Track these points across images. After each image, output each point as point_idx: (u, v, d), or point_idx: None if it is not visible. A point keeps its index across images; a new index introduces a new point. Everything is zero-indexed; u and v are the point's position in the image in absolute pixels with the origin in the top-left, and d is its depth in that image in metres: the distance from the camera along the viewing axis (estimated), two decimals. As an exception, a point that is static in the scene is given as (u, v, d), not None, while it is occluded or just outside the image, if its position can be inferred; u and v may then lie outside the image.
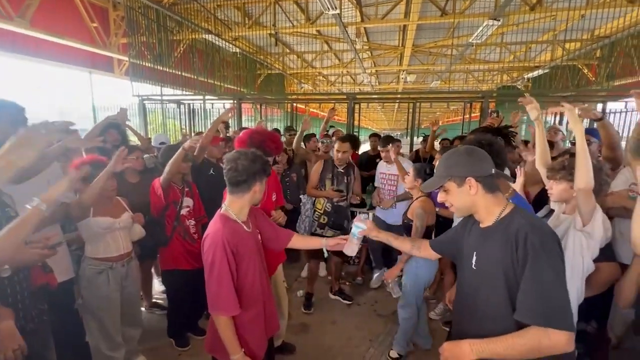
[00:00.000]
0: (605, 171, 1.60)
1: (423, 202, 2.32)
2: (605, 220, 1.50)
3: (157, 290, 3.31)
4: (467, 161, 1.13)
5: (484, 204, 1.13)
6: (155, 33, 6.28)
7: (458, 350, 1.06)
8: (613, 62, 7.52)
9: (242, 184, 1.43)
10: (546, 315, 0.94)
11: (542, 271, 0.96)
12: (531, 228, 1.01)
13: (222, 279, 1.35)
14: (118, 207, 2.09)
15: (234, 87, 9.16)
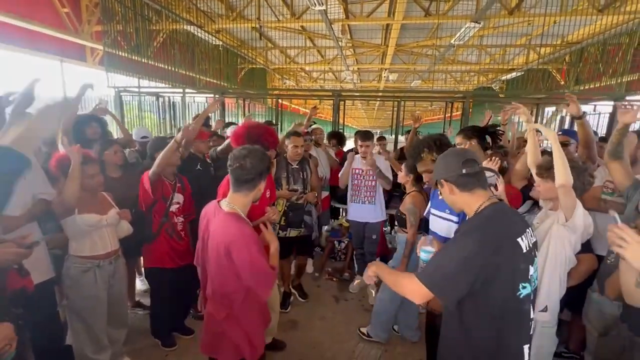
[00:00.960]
0: (589, 171, 1.70)
1: (413, 197, 2.38)
2: (587, 215, 1.60)
3: (140, 290, 3.20)
4: (440, 165, 1.25)
5: (464, 201, 1.22)
6: (132, 22, 6.00)
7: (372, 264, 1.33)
8: (581, 67, 8.00)
9: (249, 182, 1.42)
10: (424, 274, 1.13)
11: (450, 248, 1.14)
12: (475, 217, 1.16)
13: (262, 265, 1.37)
14: (104, 203, 2.00)
15: (215, 80, 8.94)
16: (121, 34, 5.78)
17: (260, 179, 1.46)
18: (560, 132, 2.77)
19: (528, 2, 5.76)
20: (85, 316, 1.89)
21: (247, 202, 1.47)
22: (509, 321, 1.11)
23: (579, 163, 1.69)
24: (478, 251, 1.05)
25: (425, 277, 1.10)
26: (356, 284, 3.41)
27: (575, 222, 1.53)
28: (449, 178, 1.21)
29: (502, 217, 1.15)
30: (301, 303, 3.16)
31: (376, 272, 1.29)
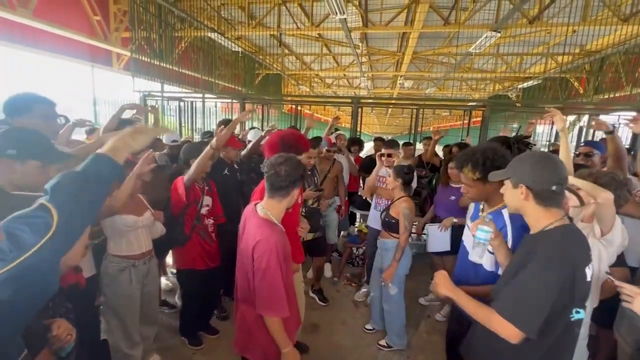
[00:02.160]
0: (628, 187, 1.67)
1: (407, 202, 2.46)
2: (624, 229, 1.59)
3: (164, 289, 3.29)
4: (529, 169, 1.16)
5: (532, 213, 1.17)
6: (156, 28, 6.21)
7: (445, 280, 1.27)
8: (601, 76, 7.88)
9: (284, 189, 1.48)
10: (510, 311, 1.07)
11: (531, 280, 1.06)
12: (551, 243, 1.08)
13: (276, 284, 1.40)
14: (140, 205, 2.08)
15: (232, 85, 9.12)
16: (146, 40, 5.99)
17: (294, 186, 1.50)
18: (583, 144, 2.75)
19: (549, 12, 5.74)
20: (120, 313, 1.96)
21: (281, 209, 1.53)
22: (560, 341, 1.12)
23: (619, 178, 1.66)
24: (559, 286, 1.04)
25: (518, 319, 1.05)
26: (362, 292, 3.39)
27: (614, 236, 1.52)
28: (533, 187, 1.13)
29: (575, 244, 1.12)
30: (321, 307, 3.19)
31: (450, 296, 1.23)
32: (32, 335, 1.17)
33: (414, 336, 2.82)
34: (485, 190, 1.54)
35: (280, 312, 1.41)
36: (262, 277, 1.39)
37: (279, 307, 1.41)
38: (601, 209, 1.44)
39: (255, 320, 1.49)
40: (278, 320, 1.42)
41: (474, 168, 1.50)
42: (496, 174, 1.29)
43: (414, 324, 2.98)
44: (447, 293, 1.25)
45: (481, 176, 1.49)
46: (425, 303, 3.27)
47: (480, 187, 1.54)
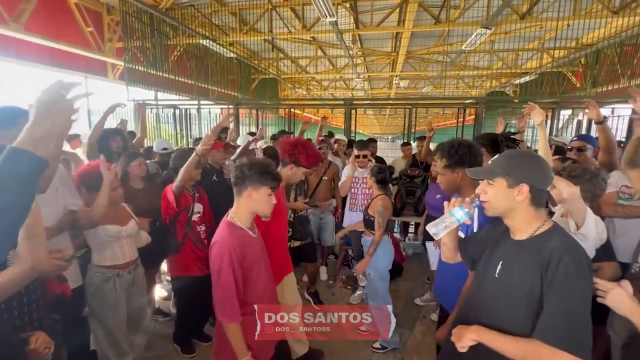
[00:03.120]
0: (602, 177, 1.66)
1: (383, 200, 2.54)
2: (599, 222, 1.57)
3: (160, 297, 3.28)
4: (532, 168, 1.08)
5: (523, 215, 1.10)
6: (149, 37, 6.26)
7: (464, 329, 1.12)
8: (597, 69, 7.83)
9: (235, 187, 1.49)
10: (566, 339, 0.95)
11: (572, 296, 0.96)
12: (567, 251, 0.99)
13: (227, 288, 1.38)
14: (124, 214, 2.09)
15: (228, 91, 9.17)
16: (139, 49, 6.04)
17: (244, 184, 1.45)
18: (576, 138, 2.73)
19: (539, 7, 5.72)
20: (106, 323, 1.96)
21: (245, 212, 1.51)
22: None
23: (592, 168, 1.67)
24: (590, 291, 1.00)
25: (574, 347, 0.94)
26: (357, 295, 3.38)
27: (588, 229, 1.50)
28: (538, 187, 1.06)
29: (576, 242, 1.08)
30: (322, 303, 3.18)
31: (478, 340, 1.09)
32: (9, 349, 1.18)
33: (409, 337, 2.80)
34: (454, 179, 1.61)
35: (229, 318, 1.38)
36: (216, 281, 1.39)
37: (228, 313, 1.39)
38: (569, 204, 1.42)
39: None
40: (234, 327, 1.39)
41: (442, 155, 1.62)
42: (484, 171, 1.19)
43: (410, 325, 2.95)
44: (474, 337, 1.09)
45: (449, 163, 1.59)
46: (420, 304, 3.25)
47: (449, 174, 1.61)
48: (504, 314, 1.10)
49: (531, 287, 1.02)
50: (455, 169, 1.59)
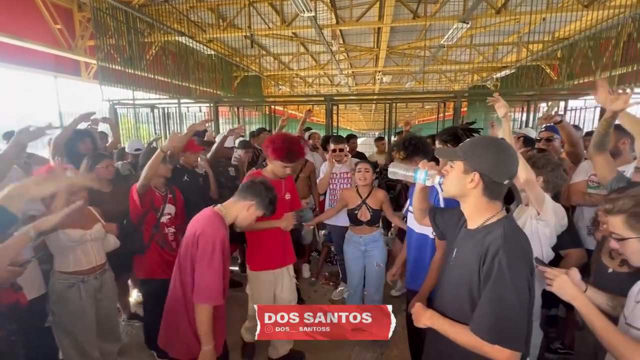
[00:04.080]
0: (563, 166, 1.72)
1: (382, 192, 2.65)
2: (558, 208, 1.60)
3: (136, 301, 3.20)
4: (490, 158, 1.04)
5: (474, 204, 1.09)
6: (124, 35, 6.07)
7: (422, 312, 1.18)
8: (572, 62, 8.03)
9: (243, 192, 1.64)
10: (496, 335, 0.97)
11: (503, 291, 0.96)
12: (504, 245, 0.98)
13: (218, 270, 1.47)
14: (89, 218, 2.01)
15: (210, 89, 9.00)
16: (114, 47, 5.85)
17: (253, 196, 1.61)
18: (544, 129, 2.79)
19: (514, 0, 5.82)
20: (72, 331, 1.88)
21: (233, 212, 1.63)
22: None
23: (554, 159, 1.71)
24: (528, 286, 0.99)
25: (505, 341, 0.96)
26: (339, 291, 3.36)
27: (547, 215, 1.53)
28: (489, 177, 1.03)
29: (522, 236, 1.08)
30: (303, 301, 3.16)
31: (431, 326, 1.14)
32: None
33: (389, 331, 2.81)
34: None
35: (215, 299, 1.47)
36: (207, 263, 1.45)
37: (215, 294, 1.47)
38: (528, 189, 1.49)
39: (179, 311, 1.54)
40: (209, 310, 1.46)
41: (398, 149, 1.85)
42: (447, 152, 1.23)
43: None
44: (428, 323, 1.15)
45: (405, 154, 1.82)
46: (396, 294, 3.25)
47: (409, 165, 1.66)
48: (454, 301, 1.13)
49: (471, 277, 1.04)
50: (413, 159, 1.79)
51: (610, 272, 1.44)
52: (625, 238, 1.03)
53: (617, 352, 0.99)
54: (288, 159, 2.11)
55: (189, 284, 1.53)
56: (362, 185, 2.55)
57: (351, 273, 2.69)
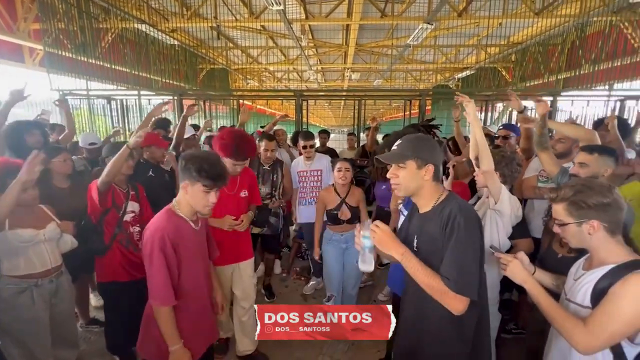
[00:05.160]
0: (517, 161, 1.86)
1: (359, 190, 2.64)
2: (513, 199, 1.74)
3: (95, 306, 3.01)
4: (433, 149, 1.22)
5: (428, 190, 1.23)
6: (75, 19, 5.59)
7: (393, 244, 1.17)
8: (525, 65, 8.66)
9: (179, 176, 1.48)
10: (459, 284, 1.11)
11: (462, 247, 1.12)
12: (459, 210, 1.15)
13: (159, 269, 1.37)
14: (42, 217, 1.85)
15: (173, 82, 8.58)
16: (63, 32, 5.36)
17: (183, 176, 1.44)
18: (502, 127, 2.99)
19: (475, 5, 6.14)
20: (23, 340, 1.74)
21: (183, 202, 1.49)
22: (483, 297, 1.23)
23: (508, 153, 1.84)
24: (479, 242, 1.15)
25: (465, 290, 1.10)
26: (310, 285, 3.39)
27: (503, 205, 1.66)
28: (437, 164, 1.20)
29: (471, 207, 1.24)
30: (269, 303, 3.14)
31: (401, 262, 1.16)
32: None
33: (359, 322, 2.89)
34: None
35: (161, 300, 1.38)
36: (149, 264, 1.37)
37: (160, 294, 1.37)
38: (487, 181, 1.62)
39: (151, 313, 1.45)
40: (165, 311, 1.38)
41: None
42: (393, 156, 1.23)
43: (360, 311, 3.05)
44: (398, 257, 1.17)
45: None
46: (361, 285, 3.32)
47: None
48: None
49: (437, 247, 1.16)
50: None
51: (560, 257, 1.59)
52: (565, 223, 1.15)
53: (560, 327, 1.11)
54: (236, 156, 2.06)
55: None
56: (342, 185, 2.51)
57: (332, 274, 2.61)
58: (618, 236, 1.11)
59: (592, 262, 1.16)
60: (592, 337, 1.02)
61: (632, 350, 1.05)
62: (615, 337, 1.02)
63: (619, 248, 1.10)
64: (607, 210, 1.08)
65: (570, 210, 1.13)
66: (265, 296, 3.19)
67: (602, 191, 1.10)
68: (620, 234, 1.12)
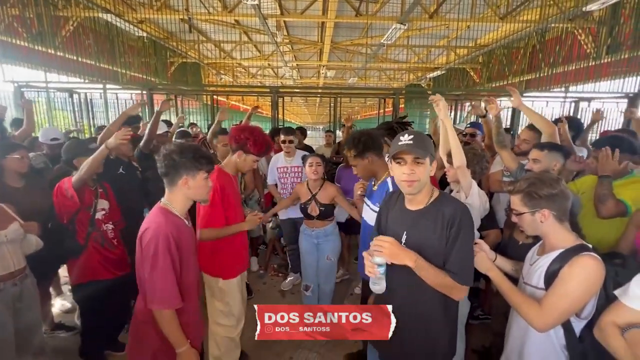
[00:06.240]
0: (486, 158, 1.99)
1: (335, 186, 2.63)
2: (482, 193, 1.86)
3: (60, 310, 2.85)
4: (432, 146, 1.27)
5: (427, 188, 1.27)
6: (32, 6, 5.20)
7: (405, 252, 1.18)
8: (490, 67, 9.13)
9: (167, 177, 1.39)
10: (464, 277, 1.21)
11: (467, 244, 1.22)
12: (462, 211, 1.23)
13: (166, 271, 1.31)
14: (2, 217, 1.73)
15: (141, 75, 8.21)
16: (18, 19, 4.98)
17: (177, 173, 1.37)
18: (469, 125, 3.16)
19: (445, 8, 6.38)
20: (-15, 348, 1.63)
21: (180, 200, 1.43)
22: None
23: (479, 151, 1.97)
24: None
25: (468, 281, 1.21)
26: (289, 281, 3.42)
27: (473, 199, 1.77)
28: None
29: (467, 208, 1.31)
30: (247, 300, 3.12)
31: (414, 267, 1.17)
32: None
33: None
34: (365, 165, 1.83)
35: (169, 304, 1.32)
36: (152, 265, 1.29)
37: (167, 297, 1.31)
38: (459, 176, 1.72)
39: (144, 317, 1.38)
40: (169, 314, 1.32)
41: (349, 147, 1.83)
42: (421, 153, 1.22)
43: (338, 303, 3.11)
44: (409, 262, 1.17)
45: (357, 152, 1.80)
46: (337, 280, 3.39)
47: (361, 162, 1.83)
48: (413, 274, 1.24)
49: (439, 243, 1.22)
50: (364, 156, 1.81)
51: (520, 244, 1.72)
52: (521, 213, 1.26)
53: (519, 308, 1.23)
54: (265, 153, 2.04)
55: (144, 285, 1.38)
56: (314, 180, 2.51)
57: (306, 265, 2.67)
58: (565, 223, 1.24)
59: (544, 248, 1.28)
60: (547, 316, 1.13)
61: (579, 324, 1.19)
62: (566, 314, 1.14)
63: (566, 234, 1.22)
64: (555, 200, 1.20)
65: (525, 200, 1.25)
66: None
67: (552, 183, 1.21)
68: (568, 221, 1.25)
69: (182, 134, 3.59)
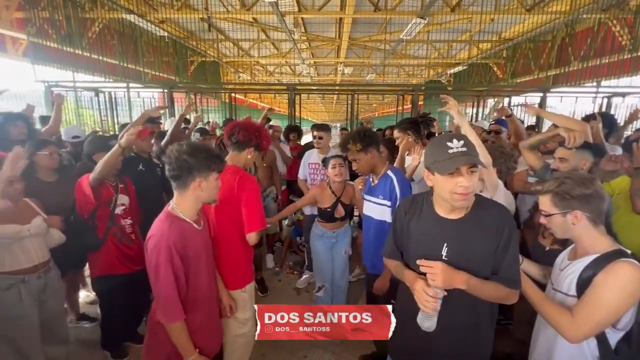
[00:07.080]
0: (514, 157, 1.88)
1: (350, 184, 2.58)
2: (508, 194, 1.77)
3: (85, 301, 2.96)
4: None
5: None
6: (60, 8, 5.41)
7: (457, 276, 1.10)
8: (515, 62, 8.75)
9: (177, 180, 1.33)
10: (517, 283, 1.18)
11: (516, 249, 1.19)
12: (508, 219, 1.18)
13: (166, 286, 1.27)
14: (27, 212, 1.80)
15: (163, 74, 8.42)
16: (48, 21, 5.19)
17: (191, 175, 1.31)
18: (494, 122, 3.03)
19: (468, 0, 6.15)
20: (11, 337, 1.69)
21: (188, 202, 1.38)
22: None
23: (507, 149, 1.86)
24: None
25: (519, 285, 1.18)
26: (304, 279, 3.41)
27: (500, 199, 1.68)
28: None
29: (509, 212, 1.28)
30: (262, 297, 3.14)
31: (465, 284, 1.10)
32: None
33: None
34: (368, 159, 1.88)
35: (171, 318, 1.29)
36: (155, 278, 1.27)
37: (169, 312, 1.29)
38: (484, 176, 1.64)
39: (158, 322, 1.37)
40: (177, 326, 1.31)
41: (354, 141, 1.85)
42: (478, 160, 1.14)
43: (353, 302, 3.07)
44: (461, 285, 1.10)
45: (362, 146, 1.85)
46: (353, 279, 3.38)
47: (364, 157, 1.87)
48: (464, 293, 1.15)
49: (487, 251, 1.16)
50: (368, 150, 1.86)
51: (547, 250, 1.63)
52: (551, 214, 1.18)
53: (548, 317, 1.14)
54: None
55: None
56: (339, 182, 2.42)
57: (322, 265, 2.59)
58: (600, 226, 1.14)
59: (576, 252, 1.19)
60: (580, 327, 1.05)
61: (615, 335, 1.09)
62: (601, 325, 1.05)
63: (601, 238, 1.13)
64: (590, 201, 1.11)
65: (555, 201, 1.16)
66: (259, 290, 3.18)
67: (585, 183, 1.12)
68: (603, 224, 1.15)
69: (201, 131, 3.66)
